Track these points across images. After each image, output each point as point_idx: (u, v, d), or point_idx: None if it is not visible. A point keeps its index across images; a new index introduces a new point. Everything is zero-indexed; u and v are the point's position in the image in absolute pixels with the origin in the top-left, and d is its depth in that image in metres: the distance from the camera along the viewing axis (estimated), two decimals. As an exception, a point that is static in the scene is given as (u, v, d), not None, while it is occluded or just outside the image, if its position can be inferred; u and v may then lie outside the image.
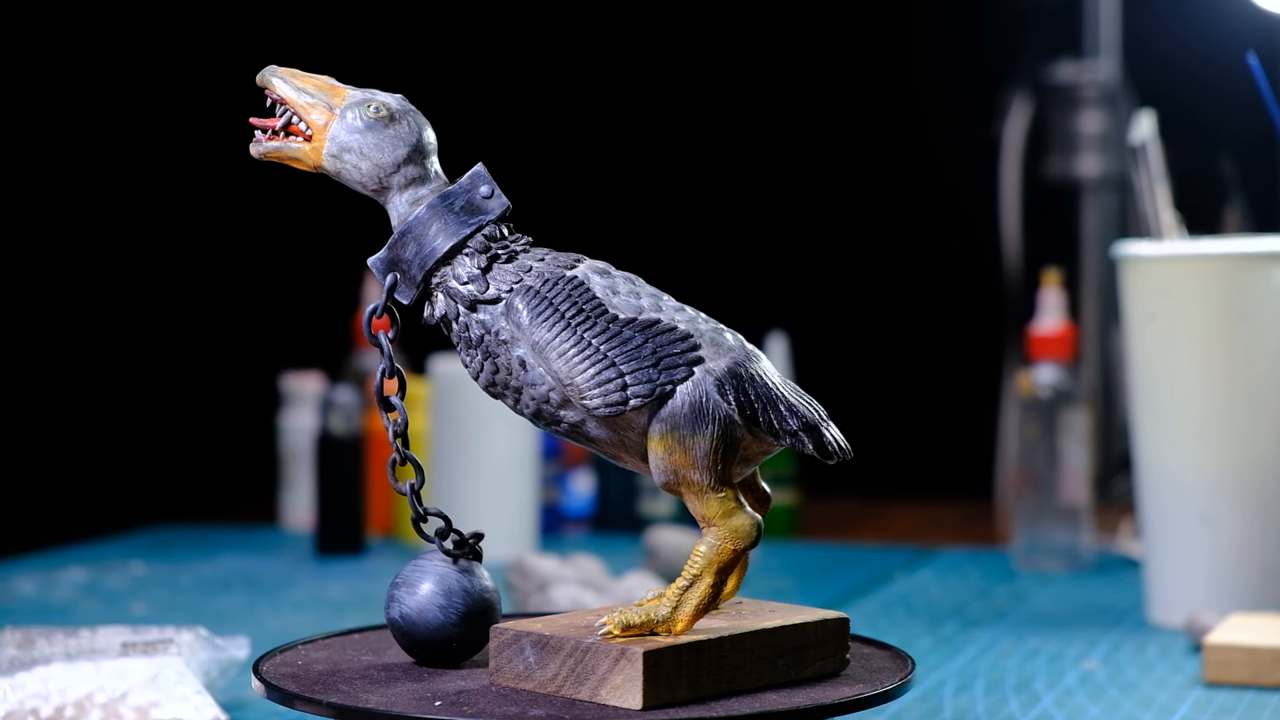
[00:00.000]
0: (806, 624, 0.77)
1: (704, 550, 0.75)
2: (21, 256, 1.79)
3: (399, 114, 0.80)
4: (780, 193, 2.06)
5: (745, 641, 0.75)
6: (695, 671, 0.74)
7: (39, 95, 1.81)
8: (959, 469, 1.91)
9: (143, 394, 1.92)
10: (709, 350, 0.77)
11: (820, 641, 0.77)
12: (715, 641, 0.75)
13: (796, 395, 0.77)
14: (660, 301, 0.79)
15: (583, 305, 0.77)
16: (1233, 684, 1.02)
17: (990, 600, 1.30)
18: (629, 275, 0.80)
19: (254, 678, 0.78)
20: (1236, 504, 1.17)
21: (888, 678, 0.78)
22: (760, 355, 0.78)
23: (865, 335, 2.03)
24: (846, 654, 0.79)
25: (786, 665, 0.76)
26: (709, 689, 0.74)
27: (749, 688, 0.75)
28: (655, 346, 0.76)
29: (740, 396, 0.76)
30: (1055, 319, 1.44)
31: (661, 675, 0.73)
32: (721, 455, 0.75)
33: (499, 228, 0.79)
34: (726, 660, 0.75)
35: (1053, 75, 1.76)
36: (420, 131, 0.80)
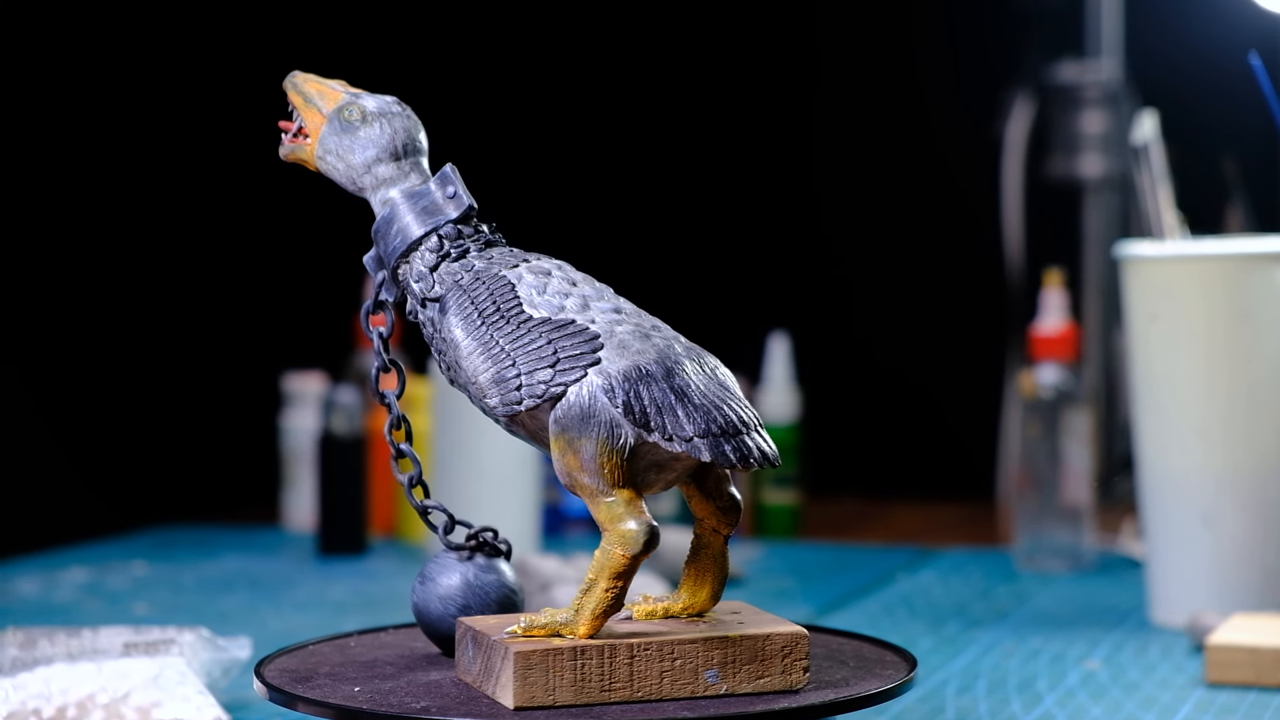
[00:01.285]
0: (741, 637, 0.75)
1: (597, 555, 0.75)
2: (24, 256, 1.79)
3: (372, 116, 0.82)
4: (782, 193, 2.06)
5: (653, 650, 0.74)
6: (580, 676, 0.73)
7: (42, 96, 1.81)
8: (961, 469, 1.91)
9: (145, 394, 1.92)
10: (613, 351, 0.75)
11: (762, 657, 0.75)
12: (606, 648, 0.74)
13: (717, 400, 0.74)
14: (593, 302, 0.78)
15: (500, 304, 0.78)
16: (1235, 684, 1.01)
17: (992, 600, 1.30)
18: (577, 277, 0.79)
19: (255, 679, 0.79)
20: (1238, 504, 1.17)
21: (890, 678, 0.78)
22: (697, 358, 0.76)
23: (867, 335, 2.03)
24: (805, 670, 0.76)
25: (715, 678, 0.75)
26: (602, 696, 0.74)
27: (668, 697, 0.74)
28: (557, 347, 0.76)
29: (631, 399, 0.74)
30: (1057, 319, 1.44)
31: (535, 676, 0.73)
32: (609, 458, 0.74)
33: (458, 227, 0.80)
34: (630, 669, 0.74)
35: (1055, 75, 1.76)
36: (395, 134, 0.82)
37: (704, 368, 0.76)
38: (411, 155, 0.82)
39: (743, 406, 0.75)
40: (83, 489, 1.85)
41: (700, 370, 0.76)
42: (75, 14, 1.83)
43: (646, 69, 2.08)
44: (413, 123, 0.83)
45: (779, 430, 1.64)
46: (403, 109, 0.83)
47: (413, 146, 0.82)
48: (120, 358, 1.89)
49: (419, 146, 0.82)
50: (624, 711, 0.73)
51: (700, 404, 0.74)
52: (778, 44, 2.06)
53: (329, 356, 1.72)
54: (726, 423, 0.74)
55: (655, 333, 0.77)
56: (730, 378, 0.77)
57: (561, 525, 1.63)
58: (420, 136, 0.82)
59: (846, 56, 2.04)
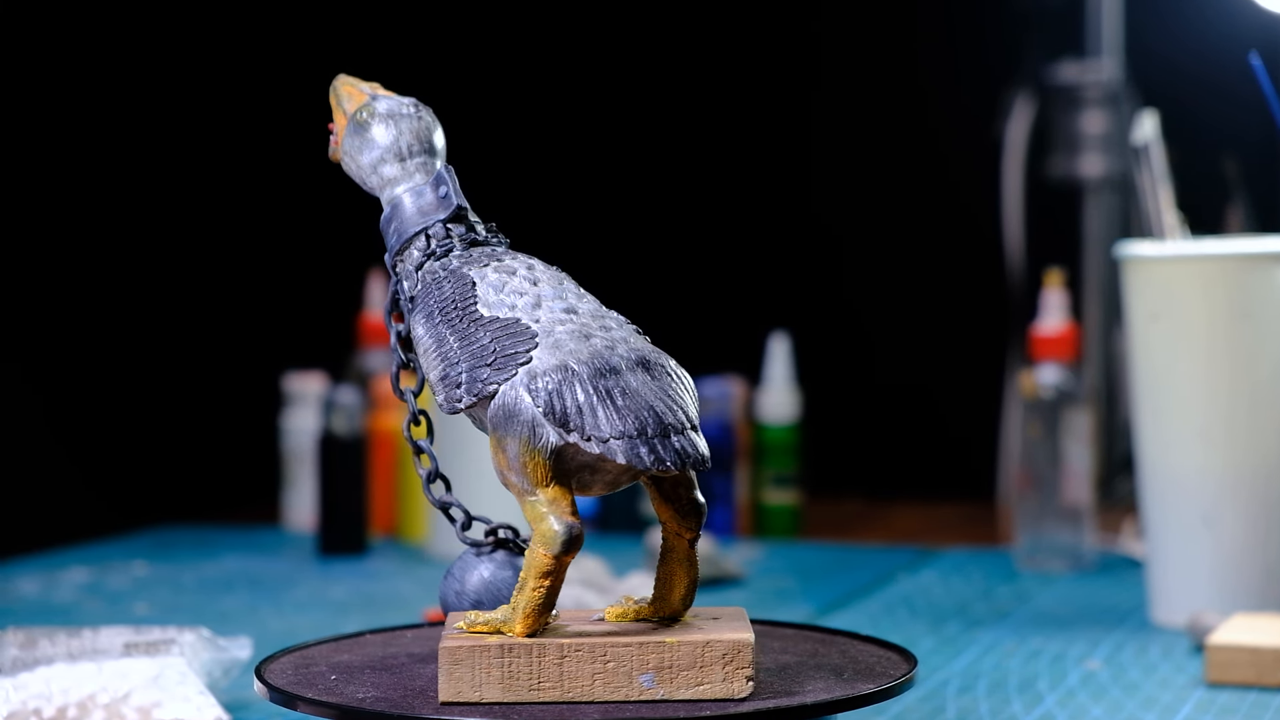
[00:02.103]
0: (679, 642, 0.74)
1: (527, 554, 0.75)
2: (24, 256, 1.79)
3: (381, 118, 0.83)
4: (783, 193, 2.06)
5: (584, 652, 0.74)
6: (508, 674, 0.74)
7: (42, 96, 1.81)
8: (961, 469, 1.91)
9: (145, 394, 1.92)
10: (545, 350, 0.75)
11: (702, 663, 0.74)
12: (536, 647, 0.74)
13: (648, 402, 0.74)
14: (547, 301, 0.78)
15: (457, 302, 0.78)
16: (1235, 684, 1.01)
17: (993, 600, 1.30)
18: (542, 276, 0.79)
19: (255, 679, 0.79)
20: (1239, 504, 1.17)
21: (890, 677, 0.78)
22: (639, 360, 0.76)
23: (867, 335, 2.03)
24: (748, 679, 0.75)
25: (651, 682, 0.74)
26: (531, 694, 0.74)
27: (599, 699, 0.74)
28: (499, 346, 0.76)
29: (553, 398, 0.74)
30: (1058, 319, 1.44)
31: (461, 673, 0.74)
32: (531, 457, 0.74)
33: (447, 227, 0.81)
34: (560, 669, 0.74)
35: (1055, 75, 1.76)
36: (401, 135, 0.83)
37: (647, 369, 0.75)
38: (418, 156, 0.83)
39: (677, 409, 0.75)
40: (83, 489, 1.85)
41: (639, 372, 0.75)
42: (76, 14, 1.83)
43: (647, 69, 2.08)
44: (424, 124, 0.84)
45: (779, 430, 1.64)
46: (416, 111, 0.84)
47: (420, 148, 0.83)
48: (120, 357, 1.89)
49: (429, 148, 0.83)
50: (546, 711, 0.73)
51: (624, 405, 0.74)
52: (778, 44, 2.06)
53: (329, 356, 1.72)
54: (650, 425, 0.74)
55: (602, 333, 0.77)
56: (679, 382, 0.76)
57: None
58: (434, 138, 0.84)
59: (847, 56, 2.04)
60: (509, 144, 2.04)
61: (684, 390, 0.76)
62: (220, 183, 2.01)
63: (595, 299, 0.80)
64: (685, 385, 0.76)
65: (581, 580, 1.16)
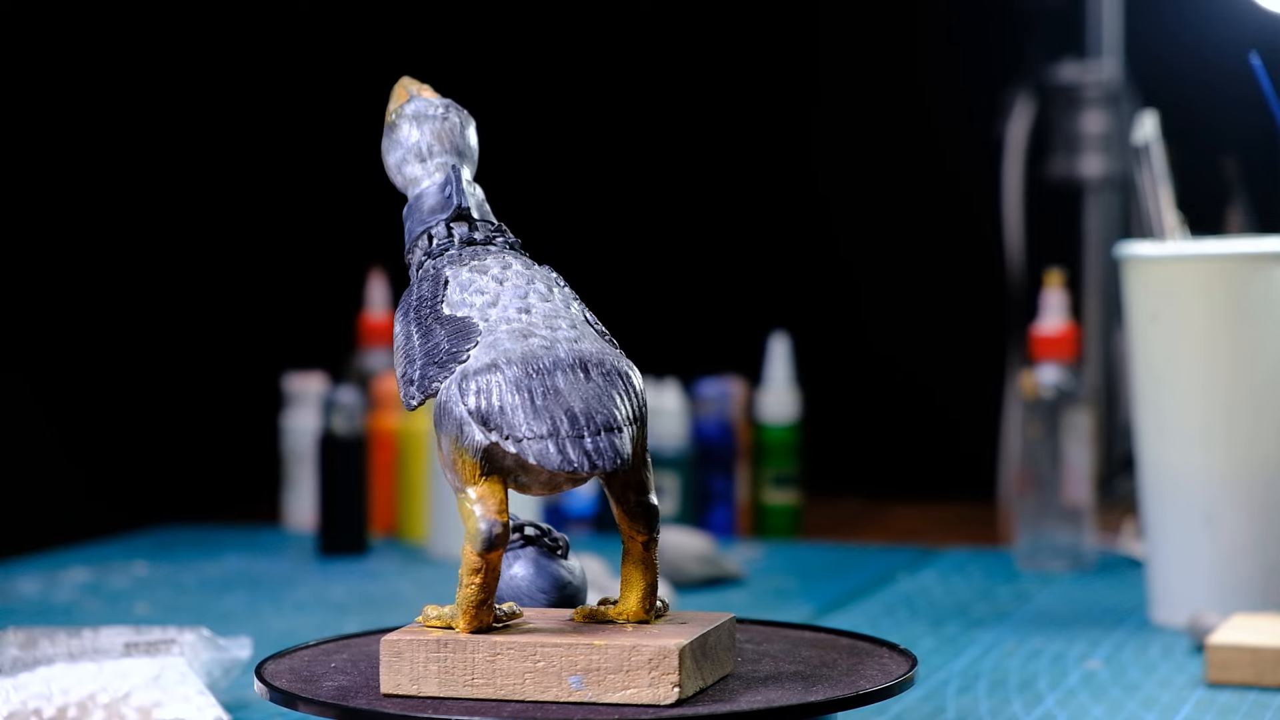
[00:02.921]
0: (607, 645, 0.74)
1: (462, 551, 0.77)
2: (25, 257, 1.79)
3: (407, 119, 0.85)
4: (782, 193, 2.06)
5: (515, 651, 0.75)
6: (444, 668, 0.75)
7: (42, 96, 1.81)
8: (961, 469, 1.91)
9: (145, 394, 1.92)
10: (482, 349, 0.76)
11: (629, 668, 0.74)
12: (468, 642, 0.75)
13: (574, 402, 0.74)
14: (504, 299, 0.78)
15: (427, 301, 0.79)
16: (1236, 684, 1.01)
17: (993, 600, 1.30)
18: (510, 275, 0.80)
19: (256, 680, 0.79)
20: (1239, 504, 1.17)
21: (890, 677, 0.78)
22: (579, 361, 0.75)
23: (868, 335, 2.03)
24: (674, 686, 0.74)
25: (580, 684, 0.74)
26: (468, 691, 0.75)
27: (530, 699, 0.74)
28: (448, 345, 0.77)
29: (479, 398, 0.75)
30: (1058, 319, 1.44)
31: (401, 666, 0.75)
32: (460, 455, 0.75)
33: (449, 225, 0.82)
34: (492, 666, 0.75)
35: (1055, 75, 1.76)
36: (422, 136, 0.84)
37: (584, 370, 0.75)
38: (439, 157, 0.84)
39: (602, 410, 0.74)
40: (83, 489, 1.85)
41: (572, 373, 0.75)
42: (76, 16, 1.83)
43: (648, 69, 2.08)
44: (449, 126, 0.85)
45: (779, 430, 1.65)
46: (444, 113, 0.85)
47: (442, 149, 0.84)
48: (121, 358, 1.89)
49: (453, 148, 0.84)
50: (474, 707, 0.74)
51: (542, 405, 0.74)
52: (779, 44, 2.06)
53: (330, 356, 1.73)
54: (565, 426, 0.73)
55: (546, 332, 0.76)
56: (617, 383, 0.75)
57: (562, 525, 1.63)
58: (461, 139, 0.84)
59: (847, 56, 2.04)
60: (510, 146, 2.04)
61: (621, 392, 0.75)
62: (220, 184, 2.01)
63: (570, 299, 0.80)
64: (623, 387, 0.75)
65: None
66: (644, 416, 0.77)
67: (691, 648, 0.75)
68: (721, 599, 1.30)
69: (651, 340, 1.98)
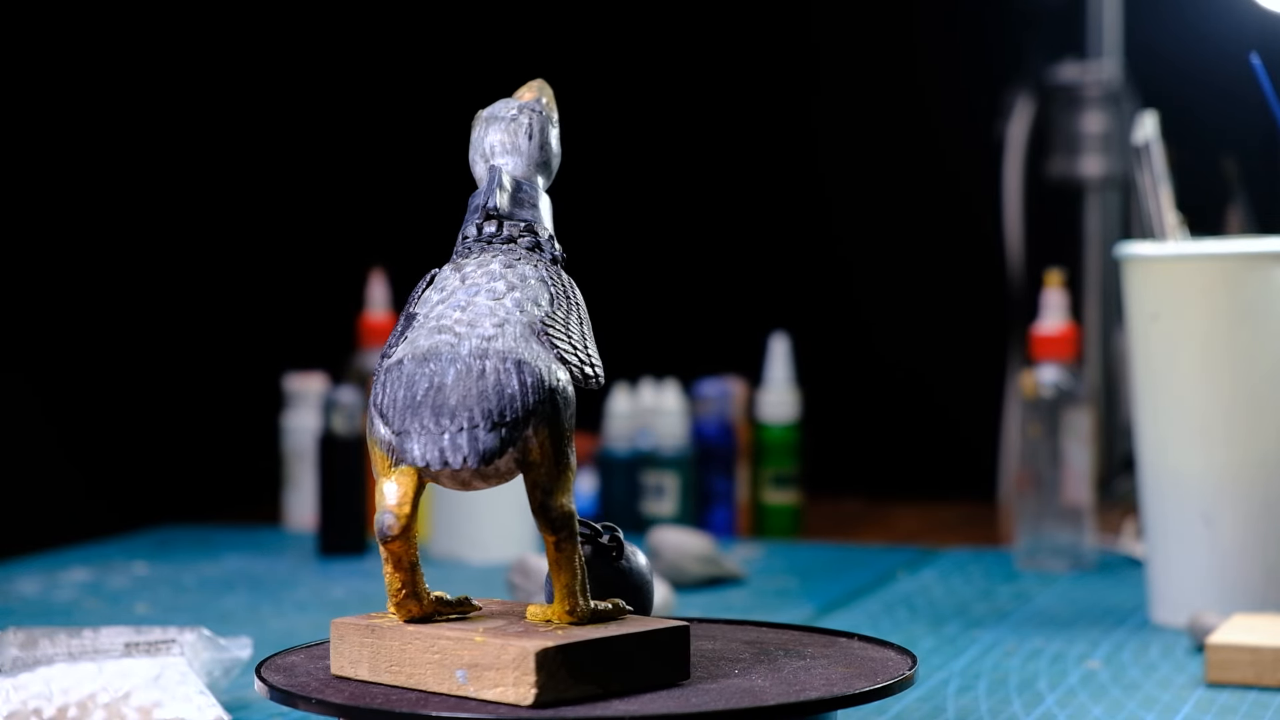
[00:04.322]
0: (485, 643, 0.75)
1: None
2: (25, 257, 1.79)
3: (481, 120, 0.87)
4: (783, 193, 2.06)
5: (420, 642, 0.76)
6: (374, 655, 0.77)
7: (42, 96, 1.81)
8: (962, 469, 1.91)
9: (146, 394, 1.93)
10: (402, 345, 0.78)
11: (498, 666, 0.74)
12: (389, 630, 0.77)
13: (444, 399, 0.75)
14: (453, 297, 0.79)
15: (414, 298, 0.82)
16: (1235, 684, 1.02)
17: (993, 600, 1.30)
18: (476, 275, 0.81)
19: (256, 679, 0.79)
20: (1239, 504, 1.17)
21: (890, 677, 0.78)
22: (482, 355, 0.76)
23: (868, 335, 2.03)
24: (532, 687, 0.73)
25: (464, 679, 0.75)
26: (388, 676, 0.77)
27: (430, 688, 0.76)
28: (391, 340, 0.81)
29: (380, 391, 0.77)
30: (1058, 319, 1.44)
31: (344, 649, 0.79)
32: (373, 447, 0.77)
33: (479, 224, 0.84)
34: (403, 654, 0.77)
35: (1056, 75, 1.76)
36: (486, 137, 0.86)
37: (484, 369, 0.76)
38: (501, 158, 0.85)
39: (461, 410, 0.75)
40: (83, 489, 1.86)
41: (453, 370, 0.76)
42: (76, 16, 1.83)
43: (648, 68, 2.08)
44: (514, 127, 0.86)
45: (779, 430, 1.65)
46: (515, 114, 0.86)
47: (503, 149, 0.86)
48: (121, 358, 1.89)
49: (514, 149, 0.86)
50: (389, 693, 0.76)
51: (424, 400, 0.75)
52: (779, 44, 2.06)
53: (330, 357, 1.73)
54: (416, 422, 0.75)
55: (462, 328, 0.77)
56: (497, 383, 0.75)
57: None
58: (525, 141, 0.86)
59: (847, 56, 2.04)
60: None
61: (514, 391, 0.75)
62: (221, 184, 2.01)
63: (533, 302, 0.79)
64: (519, 386, 0.75)
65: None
66: (555, 415, 0.76)
67: (560, 651, 0.74)
68: (721, 599, 1.30)
69: (651, 340, 1.99)
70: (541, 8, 2.09)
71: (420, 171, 2.04)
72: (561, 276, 0.82)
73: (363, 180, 2.09)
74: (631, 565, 0.85)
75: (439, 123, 2.20)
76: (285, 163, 2.05)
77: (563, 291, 0.81)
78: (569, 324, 0.80)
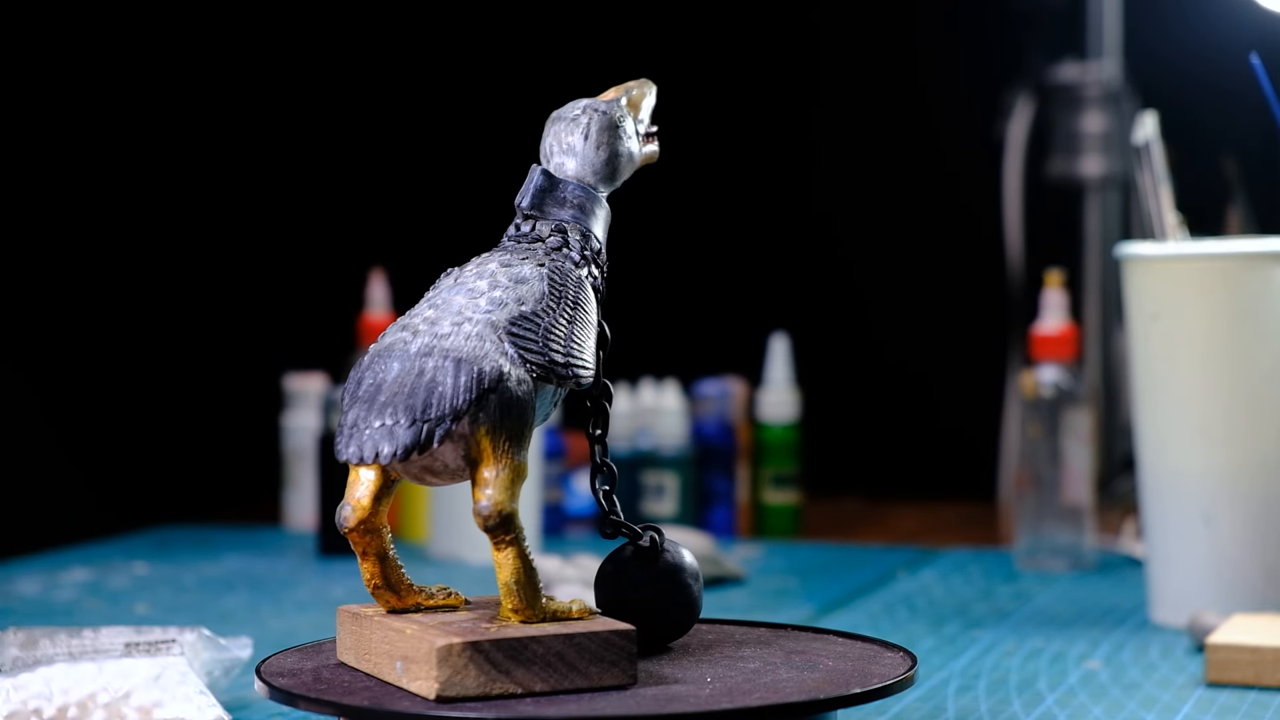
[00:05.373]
0: (415, 637, 0.75)
1: None
2: (25, 257, 1.79)
3: (550, 121, 0.89)
4: (783, 193, 2.06)
5: (379, 632, 0.78)
6: (356, 642, 0.80)
7: (42, 96, 1.81)
8: (961, 469, 1.91)
9: (146, 394, 1.93)
10: (375, 343, 0.80)
11: (420, 659, 0.75)
12: (365, 620, 0.80)
13: (376, 395, 0.77)
14: (435, 296, 0.81)
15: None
16: (1235, 684, 1.02)
17: (993, 600, 1.30)
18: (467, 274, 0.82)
19: (256, 678, 0.79)
20: (1239, 503, 1.17)
21: (890, 677, 0.78)
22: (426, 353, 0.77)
23: (868, 335, 2.03)
24: (434, 680, 0.74)
25: (402, 670, 0.76)
26: (366, 665, 0.80)
27: (385, 677, 0.78)
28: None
29: (347, 384, 0.79)
30: (1058, 319, 1.44)
31: (341, 635, 0.82)
32: None
33: (516, 222, 0.85)
34: (369, 643, 0.79)
35: (1055, 76, 1.76)
36: (547, 136, 0.88)
37: (425, 367, 0.77)
38: (556, 158, 0.87)
39: (406, 404, 0.76)
40: (84, 489, 1.86)
41: (399, 366, 0.77)
42: (77, 14, 1.83)
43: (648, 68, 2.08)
44: (573, 128, 0.87)
45: (779, 430, 1.65)
46: (578, 115, 0.88)
47: (560, 150, 0.87)
48: (121, 358, 1.89)
49: (569, 149, 0.87)
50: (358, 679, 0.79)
51: (361, 396, 0.78)
52: (779, 44, 2.06)
53: (330, 357, 1.73)
54: (362, 417, 0.77)
55: (425, 327, 0.79)
56: (431, 381, 0.76)
57: (562, 525, 1.63)
58: (580, 141, 0.87)
59: (847, 56, 2.04)
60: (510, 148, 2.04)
61: (426, 389, 0.76)
62: (221, 184, 2.01)
63: (510, 298, 0.80)
64: (432, 385, 0.76)
65: (583, 580, 1.16)
66: (495, 414, 0.76)
67: (467, 648, 0.74)
68: (722, 599, 1.30)
69: (651, 340, 1.99)
70: (541, 8, 2.09)
71: (420, 172, 2.04)
72: (571, 277, 0.82)
73: (363, 181, 2.09)
74: (669, 568, 0.84)
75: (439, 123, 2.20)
76: (286, 163, 2.05)
77: (564, 292, 0.81)
78: (554, 324, 0.80)
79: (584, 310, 0.82)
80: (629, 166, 0.88)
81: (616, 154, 0.87)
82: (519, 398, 0.77)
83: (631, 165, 0.89)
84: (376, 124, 2.09)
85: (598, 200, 0.86)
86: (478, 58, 2.08)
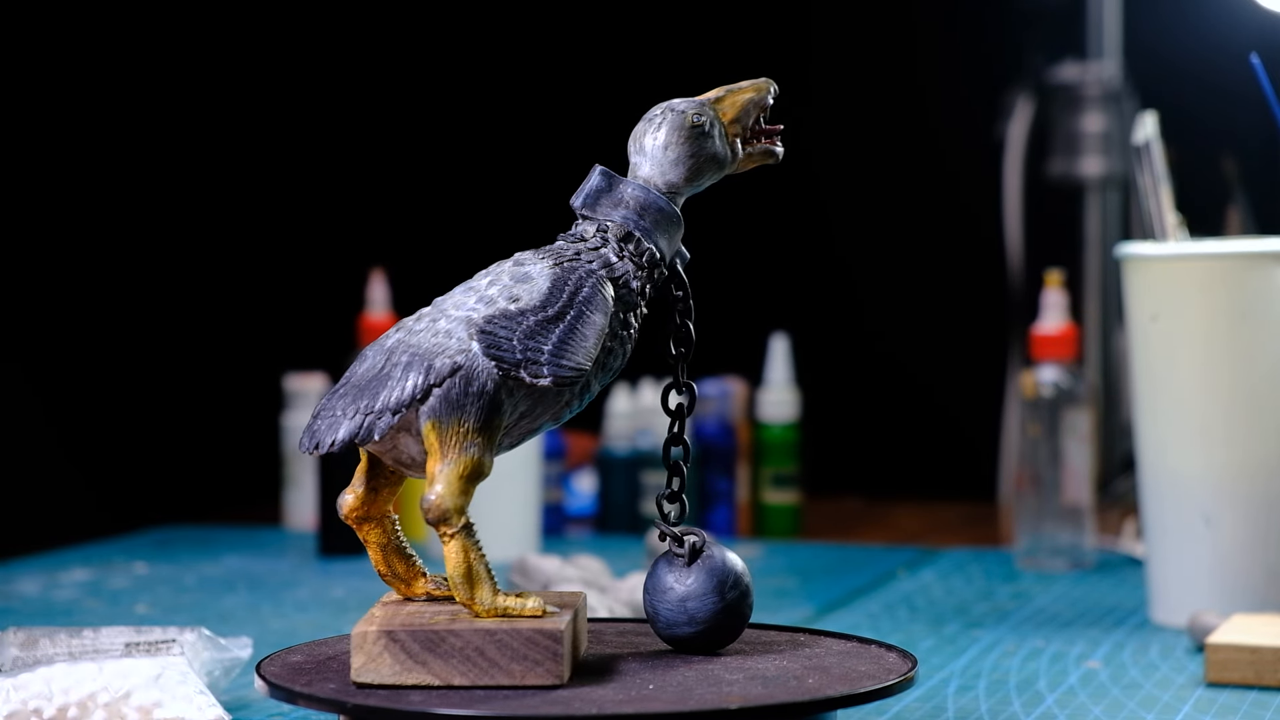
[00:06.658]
0: (364, 632, 0.77)
1: None
2: (26, 257, 1.79)
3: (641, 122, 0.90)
4: (783, 194, 2.06)
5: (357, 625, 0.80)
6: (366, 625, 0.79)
7: (42, 96, 1.81)
8: (961, 469, 1.91)
9: (146, 394, 1.93)
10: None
11: (361, 647, 0.76)
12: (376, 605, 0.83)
13: (345, 391, 0.79)
14: (443, 297, 0.81)
15: None
16: (1235, 684, 1.02)
17: (993, 600, 1.30)
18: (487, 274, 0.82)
19: (256, 676, 0.79)
20: (1239, 504, 1.17)
21: (890, 677, 0.78)
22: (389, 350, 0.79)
23: (868, 336, 2.03)
24: (356, 665, 0.76)
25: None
26: None
27: None
28: None
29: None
30: (1058, 319, 1.44)
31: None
32: None
33: (574, 222, 0.86)
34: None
35: (1055, 75, 1.76)
36: (632, 138, 0.89)
37: (385, 363, 0.79)
38: (634, 157, 0.89)
39: (354, 397, 0.79)
40: (84, 489, 1.86)
41: (373, 364, 0.79)
42: (77, 14, 1.83)
43: (647, 68, 2.08)
44: (652, 127, 0.89)
45: (779, 430, 1.65)
46: (659, 114, 0.90)
47: (635, 149, 0.89)
48: (121, 358, 1.89)
49: (640, 149, 0.89)
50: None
51: (333, 390, 0.80)
52: (778, 44, 2.06)
53: (330, 357, 1.73)
54: (321, 408, 0.79)
55: (410, 323, 0.80)
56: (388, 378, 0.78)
57: (563, 525, 1.63)
58: (652, 141, 0.88)
59: (847, 57, 2.04)
60: (511, 147, 2.04)
61: (376, 383, 0.78)
62: (221, 185, 2.01)
63: (502, 296, 0.80)
64: (383, 379, 0.78)
65: (583, 580, 1.16)
66: (447, 411, 0.77)
67: (382, 636, 0.76)
68: (721, 599, 1.30)
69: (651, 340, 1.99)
70: (540, 9, 2.09)
71: (420, 172, 2.04)
72: (589, 279, 0.82)
73: (363, 181, 2.09)
74: (709, 571, 0.84)
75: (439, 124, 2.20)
76: (286, 164, 2.05)
77: (565, 291, 0.81)
78: (542, 324, 0.79)
79: (589, 310, 0.81)
80: (712, 169, 0.87)
81: (690, 155, 0.86)
82: (474, 393, 0.77)
83: (717, 167, 0.87)
84: (377, 125, 2.09)
85: (662, 203, 0.85)
86: (477, 58, 2.08)
